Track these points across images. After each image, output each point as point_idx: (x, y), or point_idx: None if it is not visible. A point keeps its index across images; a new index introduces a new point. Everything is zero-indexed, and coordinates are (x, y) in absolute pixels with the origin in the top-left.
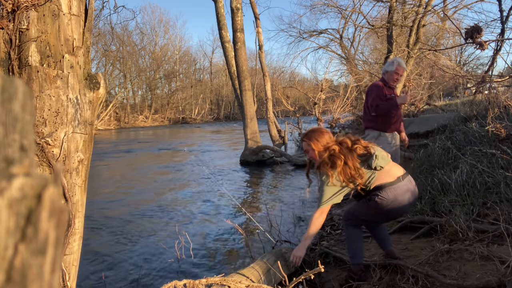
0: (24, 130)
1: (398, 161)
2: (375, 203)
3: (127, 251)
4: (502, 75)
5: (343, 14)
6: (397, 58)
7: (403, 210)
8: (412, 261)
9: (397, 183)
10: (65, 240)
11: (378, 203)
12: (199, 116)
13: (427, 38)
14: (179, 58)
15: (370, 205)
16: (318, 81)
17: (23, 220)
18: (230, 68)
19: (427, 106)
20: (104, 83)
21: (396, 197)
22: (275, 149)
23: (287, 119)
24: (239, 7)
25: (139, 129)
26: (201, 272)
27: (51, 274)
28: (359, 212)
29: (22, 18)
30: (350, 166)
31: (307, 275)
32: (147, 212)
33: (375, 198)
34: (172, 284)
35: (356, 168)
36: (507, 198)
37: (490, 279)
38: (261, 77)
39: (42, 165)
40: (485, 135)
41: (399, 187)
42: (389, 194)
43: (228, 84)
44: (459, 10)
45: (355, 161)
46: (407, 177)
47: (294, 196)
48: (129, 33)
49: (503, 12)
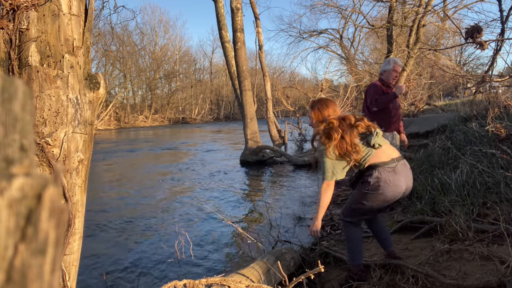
0: (24, 130)
1: None
2: (368, 184)
3: (127, 251)
4: (502, 75)
5: (343, 14)
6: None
7: (396, 194)
8: (412, 261)
9: (390, 164)
10: (65, 240)
11: (371, 185)
12: (199, 116)
13: (427, 38)
14: (179, 58)
15: (363, 188)
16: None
17: (23, 220)
18: (230, 68)
19: (427, 106)
20: (104, 83)
21: (388, 177)
22: (275, 149)
23: (287, 119)
24: (239, 7)
25: (139, 129)
26: (201, 272)
27: (51, 274)
28: (354, 201)
29: (22, 18)
30: (347, 141)
31: (307, 275)
32: (147, 212)
33: (368, 178)
34: (172, 284)
35: (353, 144)
36: (507, 198)
37: (490, 279)
38: (261, 77)
39: (42, 165)
40: (485, 135)
41: (392, 168)
42: (382, 174)
43: (228, 84)
44: (459, 10)
45: (353, 137)
46: (402, 160)
47: (294, 196)
48: (129, 33)
49: (503, 12)
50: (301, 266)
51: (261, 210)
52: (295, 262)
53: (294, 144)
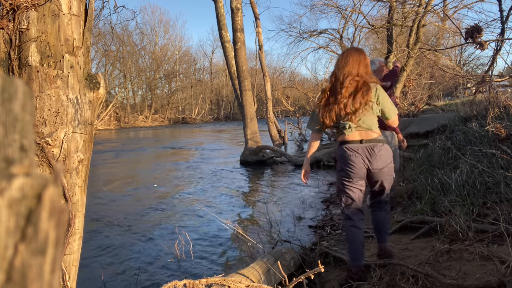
0: (24, 130)
1: (397, 161)
2: (337, 157)
3: (127, 251)
4: (502, 75)
5: (343, 14)
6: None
7: (350, 171)
8: (412, 261)
9: (353, 143)
10: (65, 240)
11: (337, 157)
12: (199, 116)
13: (427, 38)
14: (179, 58)
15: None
16: (318, 81)
17: (23, 220)
18: (230, 68)
19: (427, 106)
20: (104, 83)
21: (344, 154)
22: (275, 149)
23: (287, 119)
24: (239, 7)
25: (139, 129)
26: (201, 272)
27: (51, 274)
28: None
29: (22, 18)
30: (321, 110)
31: (307, 275)
32: (147, 212)
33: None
34: (172, 284)
35: (324, 117)
36: (507, 198)
37: (490, 279)
38: (261, 77)
39: (42, 165)
40: (485, 135)
41: (351, 145)
42: (339, 151)
43: (228, 84)
44: (459, 10)
45: (327, 113)
46: (370, 144)
47: (294, 196)
48: (129, 33)
49: (503, 12)
50: (301, 266)
51: (261, 210)
52: (295, 262)
53: (294, 144)
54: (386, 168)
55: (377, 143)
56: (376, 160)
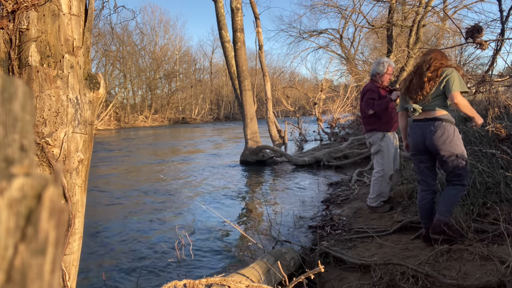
0: (24, 130)
1: (398, 161)
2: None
3: (127, 251)
4: (502, 75)
5: (343, 14)
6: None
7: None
8: (412, 261)
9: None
10: (65, 240)
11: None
12: (199, 116)
13: (427, 38)
14: (179, 58)
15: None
16: (318, 81)
17: (23, 220)
18: (230, 68)
19: None
20: (104, 83)
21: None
22: (275, 149)
23: (287, 119)
24: (239, 7)
25: (139, 129)
26: (201, 272)
27: (51, 274)
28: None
29: (22, 18)
30: (405, 80)
31: (307, 275)
32: (147, 212)
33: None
34: (172, 284)
35: (400, 87)
36: (507, 198)
37: (490, 279)
38: (261, 77)
39: (42, 165)
40: (485, 135)
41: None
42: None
43: (228, 84)
44: (459, 10)
45: (405, 90)
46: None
47: (294, 196)
48: (129, 33)
49: (503, 12)
50: (301, 266)
51: (261, 210)
52: (295, 262)
53: (294, 144)
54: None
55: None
56: (430, 138)
